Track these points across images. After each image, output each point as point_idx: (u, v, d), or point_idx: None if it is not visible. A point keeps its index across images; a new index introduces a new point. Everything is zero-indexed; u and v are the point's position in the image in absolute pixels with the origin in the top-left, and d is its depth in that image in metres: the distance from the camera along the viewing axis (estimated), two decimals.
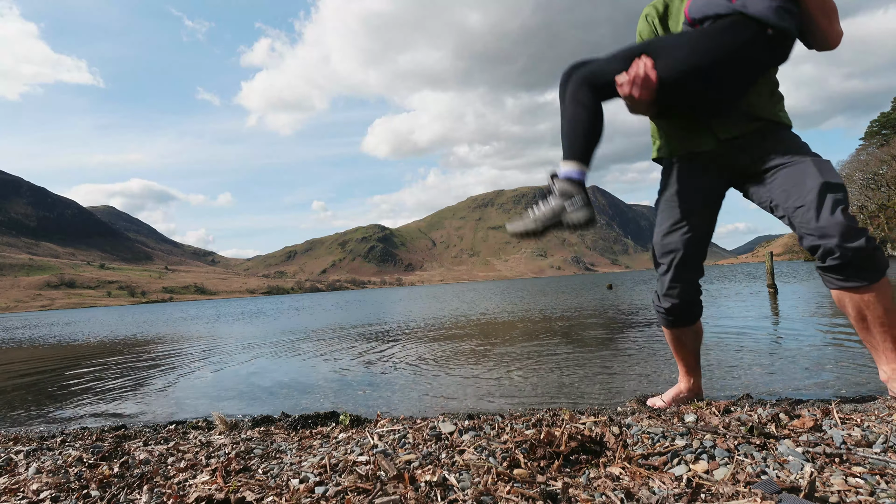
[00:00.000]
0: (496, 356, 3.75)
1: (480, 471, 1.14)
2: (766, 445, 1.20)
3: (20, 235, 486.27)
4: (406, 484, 1.09)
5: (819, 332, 3.93)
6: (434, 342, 5.00)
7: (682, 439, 1.27)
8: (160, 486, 1.27)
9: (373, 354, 4.36)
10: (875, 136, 65.75)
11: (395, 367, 3.59)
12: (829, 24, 1.55)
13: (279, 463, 1.40)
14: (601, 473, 1.11)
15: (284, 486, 1.18)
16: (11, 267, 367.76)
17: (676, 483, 1.04)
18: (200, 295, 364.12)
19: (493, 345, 4.42)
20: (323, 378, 3.39)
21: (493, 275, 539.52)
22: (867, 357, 2.85)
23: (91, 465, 1.51)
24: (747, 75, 1.59)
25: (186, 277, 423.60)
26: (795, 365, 2.77)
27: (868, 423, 1.33)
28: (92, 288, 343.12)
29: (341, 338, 6.10)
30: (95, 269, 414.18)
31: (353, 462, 1.30)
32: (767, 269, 9.95)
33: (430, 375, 3.19)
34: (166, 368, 4.45)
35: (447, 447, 1.35)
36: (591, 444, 1.24)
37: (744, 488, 0.97)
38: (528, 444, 1.25)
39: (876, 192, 56.28)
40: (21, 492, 1.31)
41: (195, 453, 1.59)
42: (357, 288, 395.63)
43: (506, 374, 3.01)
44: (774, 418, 1.40)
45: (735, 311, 6.17)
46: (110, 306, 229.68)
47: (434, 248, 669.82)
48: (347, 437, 1.61)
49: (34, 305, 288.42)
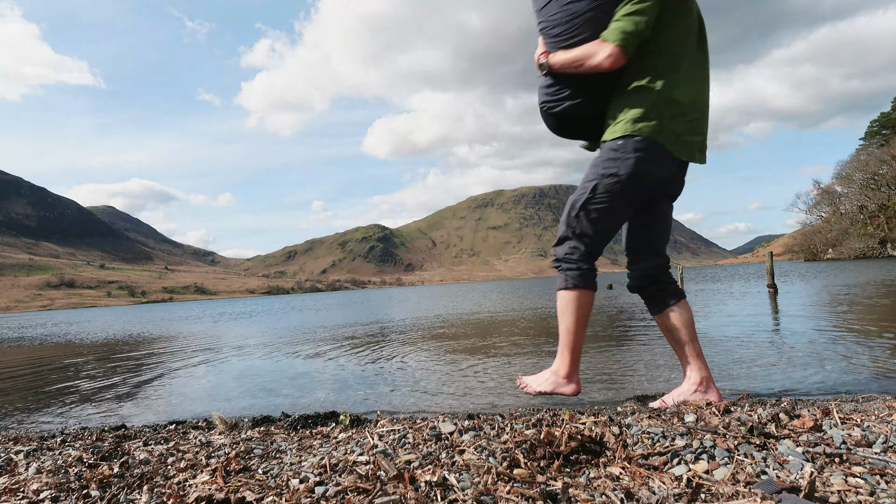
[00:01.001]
0: (496, 356, 3.75)
1: (480, 471, 1.14)
2: (766, 445, 1.20)
3: (20, 235, 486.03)
4: (406, 484, 1.09)
5: (819, 333, 3.93)
6: (434, 341, 5.00)
7: (682, 439, 1.27)
8: (160, 486, 1.27)
9: (373, 354, 4.36)
10: (875, 137, 65.77)
11: (395, 367, 3.59)
12: (588, 68, 1.78)
13: (279, 463, 1.40)
14: (601, 473, 1.11)
15: (284, 486, 1.18)
16: (11, 267, 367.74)
17: (676, 483, 1.04)
18: (200, 295, 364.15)
19: (493, 344, 4.42)
20: (323, 378, 3.39)
21: (494, 275, 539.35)
22: (867, 357, 2.85)
23: (91, 465, 1.51)
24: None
25: (186, 277, 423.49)
26: (795, 365, 2.77)
27: (868, 423, 1.33)
28: (92, 288, 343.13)
29: (341, 337, 6.10)
30: (95, 269, 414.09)
31: (353, 462, 1.30)
32: (767, 269, 9.96)
33: (430, 375, 3.19)
34: (166, 368, 4.45)
35: (447, 447, 1.35)
36: (591, 444, 1.24)
37: (744, 488, 0.97)
38: (528, 444, 1.25)
39: (876, 192, 56.29)
40: (21, 492, 1.31)
41: (195, 453, 1.59)
42: (357, 288, 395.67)
43: (506, 374, 3.01)
44: (774, 418, 1.40)
45: (735, 311, 6.17)
46: (110, 306, 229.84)
47: (434, 249, 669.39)
48: (347, 437, 1.61)
49: (34, 305, 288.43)
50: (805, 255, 61.62)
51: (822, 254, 58.08)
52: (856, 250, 52.94)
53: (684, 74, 1.78)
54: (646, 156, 1.75)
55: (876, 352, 3.01)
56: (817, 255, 58.45)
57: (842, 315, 5.01)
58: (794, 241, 75.55)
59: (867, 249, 52.16)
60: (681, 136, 1.78)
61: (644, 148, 1.75)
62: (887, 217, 53.08)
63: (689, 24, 1.79)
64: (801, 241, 65.96)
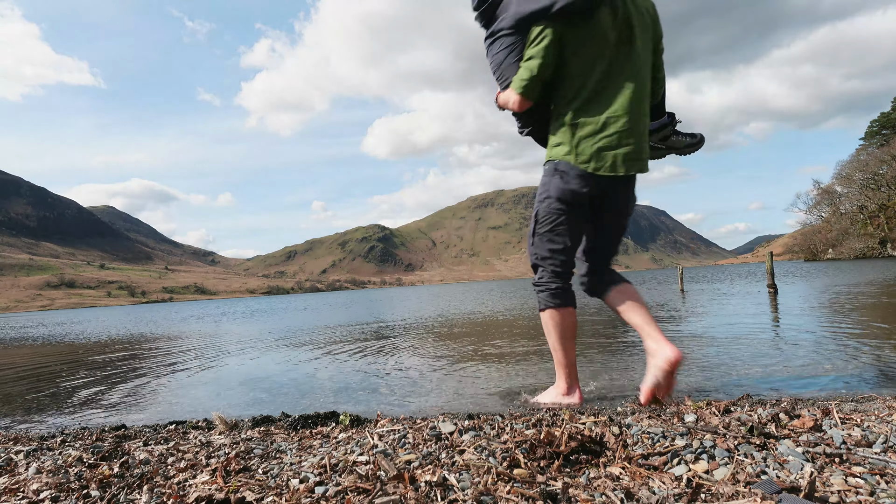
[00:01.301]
0: (496, 355, 3.75)
1: (480, 471, 1.14)
2: (766, 445, 1.20)
3: (20, 235, 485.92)
4: (406, 484, 1.09)
5: (819, 332, 3.93)
6: (434, 341, 5.00)
7: (682, 439, 1.27)
8: (160, 486, 1.27)
9: (373, 354, 4.36)
10: (875, 136, 65.77)
11: (395, 367, 3.59)
12: (510, 109, 2.05)
13: (279, 463, 1.40)
14: (601, 473, 1.11)
15: (284, 486, 1.18)
16: (11, 267, 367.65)
17: (676, 483, 1.04)
18: (200, 295, 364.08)
19: (493, 344, 4.42)
20: (323, 378, 3.39)
21: (494, 275, 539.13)
22: (868, 357, 2.85)
23: (91, 465, 1.51)
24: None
25: (186, 277, 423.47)
26: (795, 365, 2.77)
27: (868, 423, 1.33)
28: (92, 288, 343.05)
29: (341, 337, 6.10)
30: (95, 269, 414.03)
31: (353, 462, 1.30)
32: (767, 269, 9.95)
33: (430, 375, 3.19)
34: (166, 368, 4.45)
35: (447, 447, 1.35)
36: (591, 444, 1.24)
37: (744, 488, 0.97)
38: (528, 444, 1.25)
39: (876, 192, 56.29)
40: (21, 492, 1.31)
41: (195, 453, 1.59)
42: (357, 288, 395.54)
43: (506, 374, 3.01)
44: (774, 418, 1.40)
45: (735, 311, 6.17)
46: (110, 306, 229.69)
47: (434, 248, 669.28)
48: (347, 437, 1.61)
49: (34, 305, 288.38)
50: (805, 255, 61.61)
51: (822, 254, 58.08)
52: (856, 250, 52.94)
53: (595, 95, 1.92)
54: (564, 177, 1.95)
55: (876, 351, 3.01)
56: (817, 255, 58.45)
57: (842, 315, 5.01)
58: (794, 241, 75.57)
59: (867, 249, 52.16)
60: (595, 154, 1.90)
61: (562, 170, 1.96)
62: (887, 217, 53.08)
63: (602, 44, 1.90)
64: (801, 241, 65.96)
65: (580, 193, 1.94)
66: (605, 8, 1.87)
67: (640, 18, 1.95)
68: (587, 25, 1.87)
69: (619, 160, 1.90)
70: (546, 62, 1.90)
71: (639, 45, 1.93)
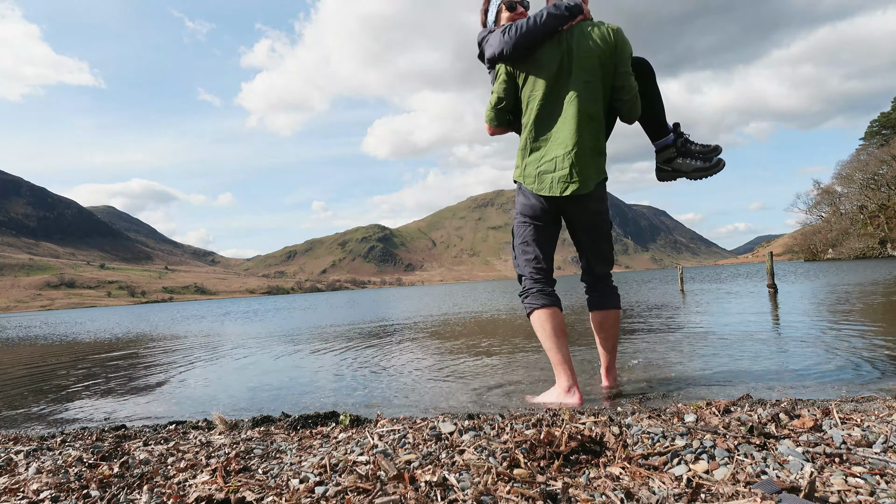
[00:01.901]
0: (496, 355, 3.75)
1: (480, 471, 1.14)
2: (766, 445, 1.20)
3: (20, 235, 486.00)
4: (406, 484, 1.09)
5: (819, 332, 3.93)
6: (434, 341, 5.00)
7: (682, 439, 1.27)
8: (160, 486, 1.27)
9: (373, 354, 4.36)
10: (875, 136, 65.76)
11: (395, 367, 3.59)
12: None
13: (279, 463, 1.40)
14: (601, 473, 1.11)
15: (284, 486, 1.18)
16: (11, 267, 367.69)
17: (676, 483, 1.04)
18: (200, 295, 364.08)
19: (493, 343, 4.42)
20: (323, 378, 3.39)
21: (494, 275, 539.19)
22: (868, 357, 2.85)
23: (91, 465, 1.51)
24: None
25: (186, 277, 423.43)
26: (796, 365, 2.76)
27: (868, 423, 1.33)
28: (92, 288, 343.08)
29: (341, 337, 6.10)
30: (95, 269, 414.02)
31: (353, 462, 1.30)
32: (767, 269, 9.95)
33: (430, 375, 3.19)
34: (166, 368, 4.45)
35: (447, 447, 1.35)
36: (591, 444, 1.24)
37: (744, 488, 0.97)
38: (528, 444, 1.25)
39: (876, 192, 56.27)
40: (21, 492, 1.31)
41: (195, 453, 1.59)
42: (357, 288, 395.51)
43: (506, 374, 3.01)
44: (774, 418, 1.40)
45: (735, 311, 6.17)
46: (110, 306, 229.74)
47: (434, 248, 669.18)
48: (347, 437, 1.61)
49: (34, 305, 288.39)
50: (805, 255, 61.59)
51: (822, 254, 58.05)
52: (856, 250, 52.93)
53: (539, 121, 2.13)
54: (521, 196, 2.23)
55: (876, 352, 3.01)
56: (817, 255, 58.42)
57: (842, 315, 5.01)
58: (794, 241, 75.54)
59: (867, 249, 52.13)
60: (536, 176, 2.13)
61: (519, 190, 2.24)
62: (887, 217, 53.07)
63: (544, 76, 2.10)
64: (801, 241, 65.92)
65: (537, 207, 2.18)
66: (547, 44, 2.10)
67: (587, 47, 2.08)
68: (531, 61, 2.12)
69: (555, 182, 2.09)
70: (500, 95, 2.20)
71: (578, 74, 2.08)
